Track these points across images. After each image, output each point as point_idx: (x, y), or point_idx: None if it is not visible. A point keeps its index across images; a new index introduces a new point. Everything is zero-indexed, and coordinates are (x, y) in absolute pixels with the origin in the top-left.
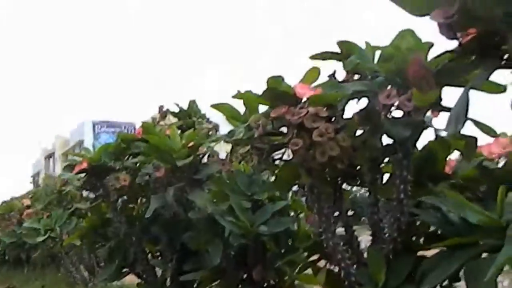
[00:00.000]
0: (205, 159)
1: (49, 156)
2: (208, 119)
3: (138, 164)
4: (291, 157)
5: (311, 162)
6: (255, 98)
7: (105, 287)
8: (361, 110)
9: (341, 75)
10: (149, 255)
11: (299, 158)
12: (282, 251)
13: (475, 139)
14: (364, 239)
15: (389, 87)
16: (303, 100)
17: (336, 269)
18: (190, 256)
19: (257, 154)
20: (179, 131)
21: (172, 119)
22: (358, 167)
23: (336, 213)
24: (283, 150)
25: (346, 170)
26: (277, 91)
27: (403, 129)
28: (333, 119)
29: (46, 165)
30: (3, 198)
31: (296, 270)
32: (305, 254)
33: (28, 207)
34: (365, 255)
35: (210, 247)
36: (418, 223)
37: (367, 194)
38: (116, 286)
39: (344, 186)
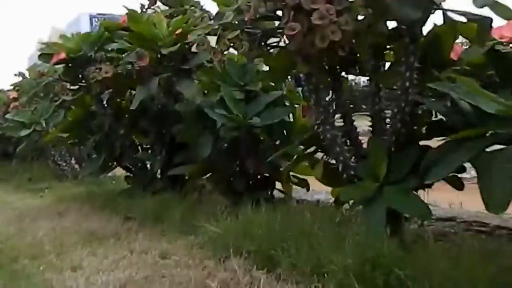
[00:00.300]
0: (194, 49)
1: (42, 49)
2: (202, 7)
3: (122, 54)
4: (286, 43)
5: (309, 48)
6: None
7: (96, 179)
8: None
9: None
10: (139, 149)
11: (295, 44)
12: (277, 143)
13: (490, 20)
14: (364, 130)
15: None
16: None
17: (334, 162)
18: (180, 149)
19: (248, 41)
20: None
21: (162, 8)
22: (358, 54)
23: (334, 104)
24: (277, 36)
25: (347, 58)
26: None
27: (412, 11)
28: (334, 0)
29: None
30: None
31: (292, 163)
32: (301, 147)
33: (14, 99)
34: (365, 146)
35: (199, 140)
36: (420, 112)
37: (367, 83)
38: (107, 178)
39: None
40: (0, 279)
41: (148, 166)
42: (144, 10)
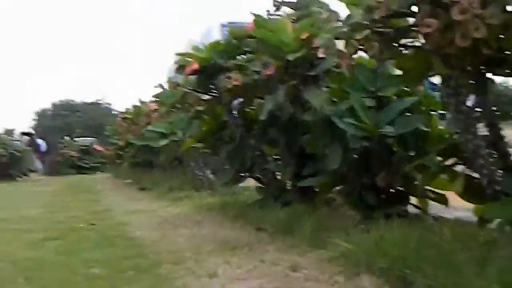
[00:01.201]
0: (321, 53)
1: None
2: (328, 7)
3: (249, 62)
4: (422, 42)
5: (448, 47)
6: None
7: (229, 189)
8: None
9: None
10: (268, 159)
11: (432, 43)
12: (411, 154)
13: None
14: None
15: None
16: None
17: (477, 176)
18: (309, 160)
19: (378, 41)
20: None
21: (288, 11)
22: (507, 52)
23: (478, 110)
24: (411, 35)
25: (493, 56)
26: None
27: None
28: None
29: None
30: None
31: (428, 176)
32: (439, 158)
33: (154, 110)
34: None
35: (328, 151)
36: None
37: None
38: (240, 188)
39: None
40: (145, 282)
41: (278, 177)
42: (270, 15)
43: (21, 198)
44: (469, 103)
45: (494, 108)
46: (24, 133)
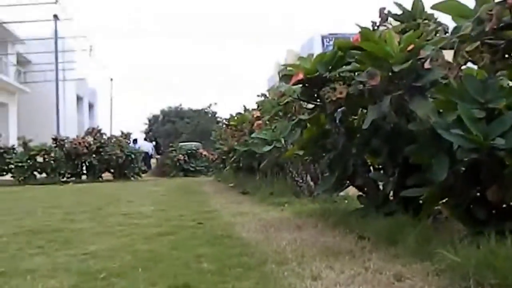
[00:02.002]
0: (427, 65)
1: (281, 70)
2: (436, 19)
3: (355, 74)
4: None
5: None
6: None
7: (329, 197)
8: None
9: None
10: (370, 168)
11: None
12: None
13: None
14: None
15: None
16: None
17: None
18: (413, 170)
19: (489, 53)
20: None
21: (394, 23)
22: None
23: None
24: None
25: None
26: None
27: None
28: None
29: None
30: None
31: None
32: None
33: (257, 118)
34: None
35: (434, 162)
36: None
37: None
38: (340, 196)
39: None
40: (252, 279)
41: (380, 186)
42: (376, 27)
43: (136, 196)
44: None
45: None
46: (135, 140)
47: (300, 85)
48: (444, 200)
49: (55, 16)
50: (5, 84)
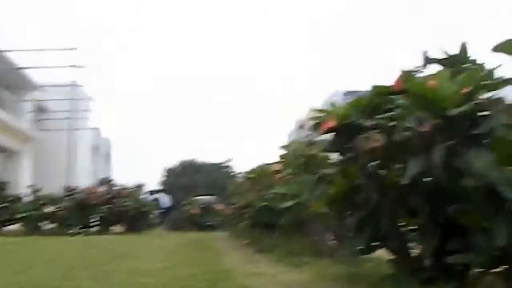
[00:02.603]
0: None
1: (302, 126)
2: (481, 65)
3: (394, 121)
4: None
5: None
6: None
7: (352, 259)
8: None
9: None
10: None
11: None
12: None
13: None
14: None
15: None
16: None
17: None
18: (457, 233)
19: None
20: None
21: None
22: None
23: None
24: None
25: None
26: None
27: None
28: None
29: (299, 134)
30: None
31: None
32: None
33: (277, 171)
34: None
35: (493, 225)
36: None
37: None
38: (363, 258)
39: None
40: None
41: (415, 250)
42: (416, 72)
43: (145, 251)
44: None
45: None
46: (154, 191)
47: (332, 134)
48: (498, 269)
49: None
50: (19, 131)
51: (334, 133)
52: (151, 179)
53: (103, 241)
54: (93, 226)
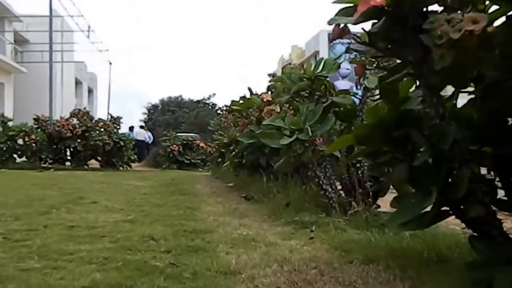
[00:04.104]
0: None
1: (286, 65)
2: None
3: None
4: None
5: None
6: None
7: (373, 218)
8: None
9: None
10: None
11: None
12: None
13: None
14: None
15: None
16: None
17: None
18: None
19: None
20: None
21: None
22: None
23: None
24: None
25: None
26: None
27: None
28: None
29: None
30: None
31: None
32: None
33: (268, 102)
34: None
35: None
36: None
37: None
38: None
39: None
40: None
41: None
42: None
43: (108, 194)
44: None
45: None
46: (133, 127)
47: (376, 20)
48: None
49: None
50: (1, 63)
51: (382, 16)
52: (135, 116)
53: (70, 178)
54: (67, 161)
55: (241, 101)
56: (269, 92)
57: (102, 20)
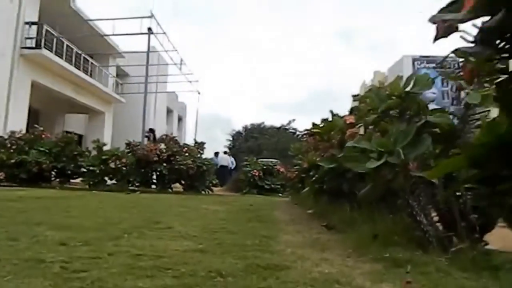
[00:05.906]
0: None
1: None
2: None
3: None
4: None
5: None
6: None
7: (476, 255)
8: None
9: None
10: None
11: None
12: None
13: None
14: None
15: None
16: None
17: None
18: None
19: None
20: None
21: None
22: None
23: None
24: None
25: None
26: None
27: None
28: None
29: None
30: None
31: None
32: None
33: (351, 125)
34: None
35: None
36: None
37: None
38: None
39: None
40: None
41: None
42: None
43: (185, 218)
44: None
45: None
46: (216, 153)
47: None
48: None
49: (149, 29)
50: (104, 94)
51: (496, 11)
52: (220, 142)
53: (147, 200)
54: (153, 184)
55: (322, 124)
56: (353, 115)
57: (193, 53)
